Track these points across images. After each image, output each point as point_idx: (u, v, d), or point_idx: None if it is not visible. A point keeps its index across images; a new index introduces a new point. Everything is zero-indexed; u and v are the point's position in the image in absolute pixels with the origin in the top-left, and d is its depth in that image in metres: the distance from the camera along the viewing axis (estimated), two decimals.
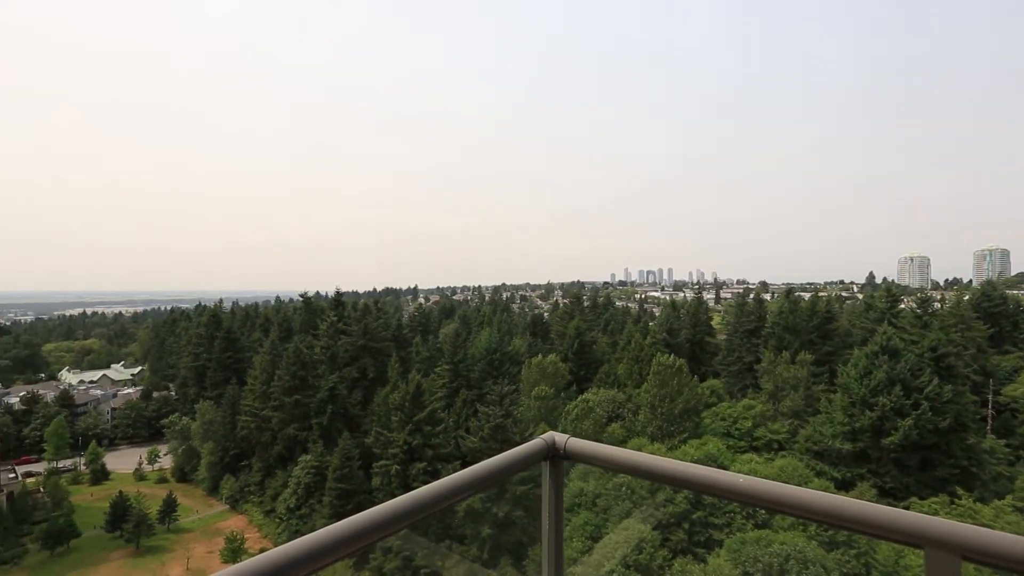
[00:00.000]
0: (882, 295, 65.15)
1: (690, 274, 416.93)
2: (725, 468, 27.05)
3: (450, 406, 55.68)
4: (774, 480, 1.62)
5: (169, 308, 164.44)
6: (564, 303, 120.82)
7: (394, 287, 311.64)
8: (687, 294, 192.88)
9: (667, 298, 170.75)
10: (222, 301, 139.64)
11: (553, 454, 1.94)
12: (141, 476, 76.44)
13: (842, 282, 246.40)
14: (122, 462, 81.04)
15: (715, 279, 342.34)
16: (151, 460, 79.93)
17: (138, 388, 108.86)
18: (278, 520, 54.43)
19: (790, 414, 47.47)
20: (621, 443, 42.57)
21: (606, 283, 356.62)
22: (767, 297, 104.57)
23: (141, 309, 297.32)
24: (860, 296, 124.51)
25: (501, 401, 46.67)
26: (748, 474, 1.64)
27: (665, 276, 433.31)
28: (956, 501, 33.21)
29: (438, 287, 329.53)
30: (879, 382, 40.24)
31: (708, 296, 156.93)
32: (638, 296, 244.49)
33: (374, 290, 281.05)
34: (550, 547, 1.96)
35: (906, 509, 1.41)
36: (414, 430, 48.12)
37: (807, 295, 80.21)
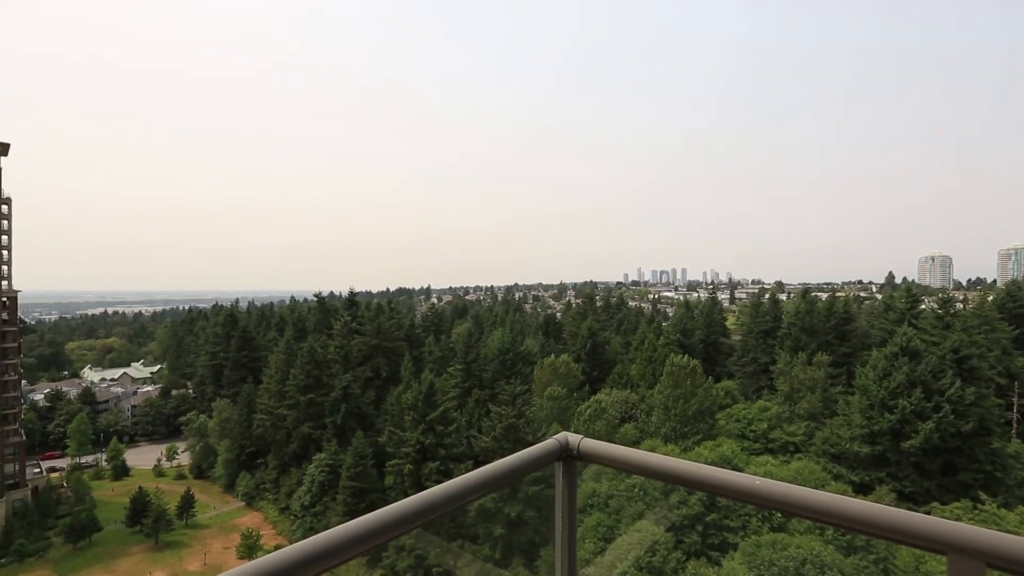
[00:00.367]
0: (902, 295, 63.81)
1: (704, 274, 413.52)
2: (740, 470, 26.74)
3: (462, 406, 55.87)
4: (790, 483, 1.60)
5: (187, 308, 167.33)
6: (577, 303, 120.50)
7: (407, 287, 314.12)
8: (701, 294, 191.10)
9: (681, 298, 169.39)
10: (238, 301, 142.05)
11: (567, 455, 1.93)
12: (160, 472, 78.00)
13: (860, 282, 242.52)
14: (142, 458, 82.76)
15: (730, 279, 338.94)
16: (170, 457, 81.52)
17: (157, 386, 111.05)
18: (293, 517, 55.10)
19: (806, 416, 46.81)
20: (634, 444, 42.28)
21: (619, 283, 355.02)
22: (783, 297, 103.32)
23: (160, 308, 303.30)
24: (879, 296, 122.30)
25: (513, 401, 46.70)
26: (764, 476, 1.62)
27: (679, 276, 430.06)
28: (979, 507, 32.40)
29: (451, 287, 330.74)
30: (899, 384, 39.47)
31: (722, 296, 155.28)
32: (651, 296, 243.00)
33: (387, 290, 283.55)
34: (563, 548, 1.95)
35: (927, 514, 1.38)
36: (427, 429, 48.37)
37: (824, 295, 78.97)
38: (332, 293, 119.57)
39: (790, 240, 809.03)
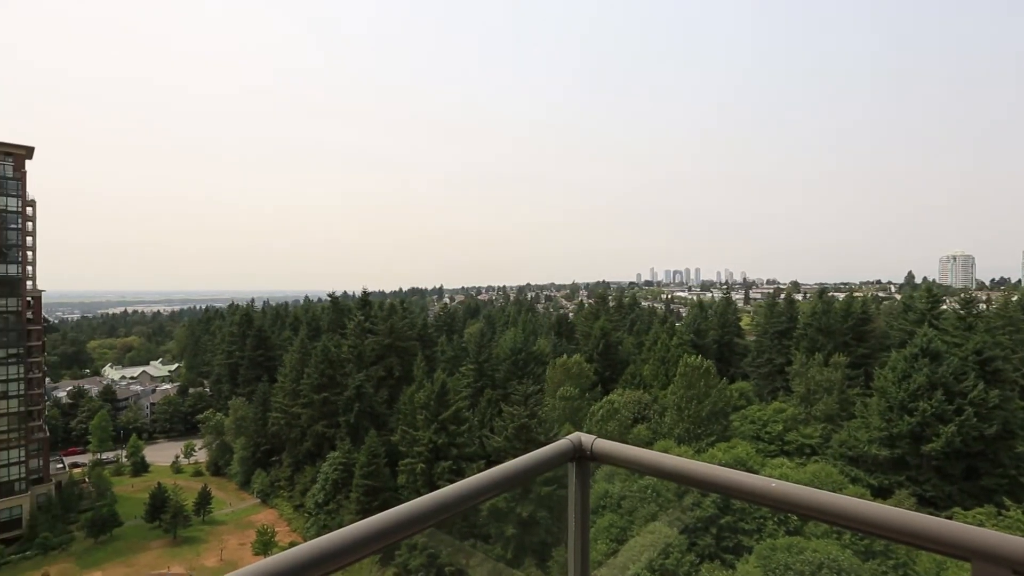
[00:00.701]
0: (922, 295, 62.44)
1: (718, 274, 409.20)
2: (755, 472, 26.42)
3: (475, 405, 56.01)
4: (807, 485, 1.57)
5: (204, 307, 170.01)
6: (589, 303, 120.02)
7: (419, 287, 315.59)
8: (715, 294, 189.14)
9: (694, 298, 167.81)
10: (254, 300, 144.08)
11: (580, 455, 1.92)
12: (178, 469, 79.45)
13: (879, 282, 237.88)
14: (160, 455, 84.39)
15: (744, 279, 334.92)
16: (187, 454, 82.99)
17: (175, 384, 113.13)
18: (307, 515, 55.76)
19: (823, 418, 46.08)
20: (647, 445, 42.04)
21: (632, 283, 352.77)
22: (799, 297, 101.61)
23: (178, 308, 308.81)
24: (898, 296, 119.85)
25: (526, 401, 46.69)
26: (779, 479, 1.60)
27: (692, 276, 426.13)
28: (1003, 512, 31.67)
29: (463, 287, 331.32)
30: (919, 386, 38.68)
31: (737, 296, 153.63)
32: (664, 296, 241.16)
33: (400, 290, 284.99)
34: (575, 549, 1.94)
35: (949, 520, 1.35)
36: (439, 429, 48.59)
37: (841, 295, 77.64)
38: (346, 293, 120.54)
39: (806, 240, 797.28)
